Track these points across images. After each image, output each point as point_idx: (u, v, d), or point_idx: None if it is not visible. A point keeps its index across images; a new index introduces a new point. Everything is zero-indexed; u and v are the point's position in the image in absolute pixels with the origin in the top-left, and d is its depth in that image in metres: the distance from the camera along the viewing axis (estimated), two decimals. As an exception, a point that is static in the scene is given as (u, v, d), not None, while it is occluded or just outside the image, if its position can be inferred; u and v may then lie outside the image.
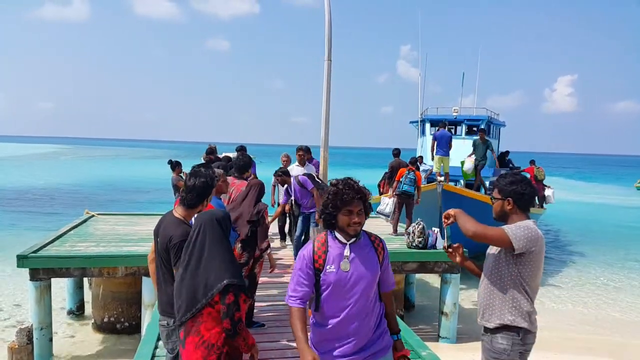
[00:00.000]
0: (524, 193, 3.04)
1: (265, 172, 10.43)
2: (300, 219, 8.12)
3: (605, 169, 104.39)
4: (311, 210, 7.97)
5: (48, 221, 20.24)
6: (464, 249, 3.46)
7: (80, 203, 25.45)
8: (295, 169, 8.88)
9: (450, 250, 3.31)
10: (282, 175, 7.94)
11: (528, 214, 3.09)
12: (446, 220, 3.11)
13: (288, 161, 10.02)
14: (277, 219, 9.60)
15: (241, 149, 10.29)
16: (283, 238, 10.28)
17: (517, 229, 2.95)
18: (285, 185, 8.15)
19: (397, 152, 12.64)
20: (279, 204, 9.04)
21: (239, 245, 5.24)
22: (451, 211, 3.10)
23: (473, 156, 15.39)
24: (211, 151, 11.16)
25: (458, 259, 3.31)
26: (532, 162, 17.78)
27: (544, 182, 17.46)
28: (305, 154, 9.11)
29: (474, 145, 15.46)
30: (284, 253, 9.37)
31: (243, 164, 6.06)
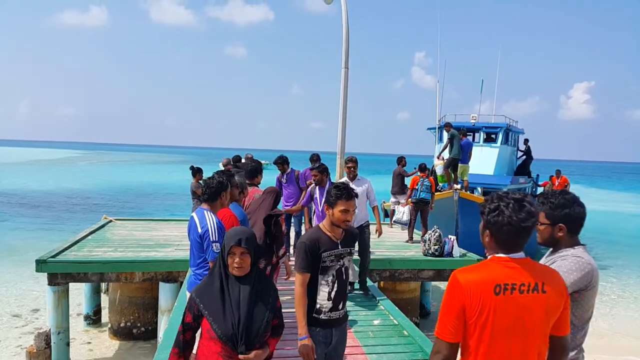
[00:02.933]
0: (577, 217, 2.64)
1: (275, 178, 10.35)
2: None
3: (624, 177, 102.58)
4: None
5: (67, 226, 20.52)
6: (479, 257, 3.38)
7: (99, 208, 25.79)
8: None
9: None
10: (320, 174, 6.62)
11: (578, 238, 2.71)
12: None
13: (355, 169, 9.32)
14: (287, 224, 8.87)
15: (237, 159, 10.23)
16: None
17: (568, 275, 2.52)
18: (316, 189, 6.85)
19: (398, 161, 12.56)
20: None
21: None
22: None
23: (442, 158, 14.18)
24: (236, 160, 11.19)
25: None
26: (558, 172, 17.64)
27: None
28: (356, 166, 7.15)
29: (454, 140, 13.37)
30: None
31: (252, 169, 6.04)
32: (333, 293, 3.31)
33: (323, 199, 6.22)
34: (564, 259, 2.62)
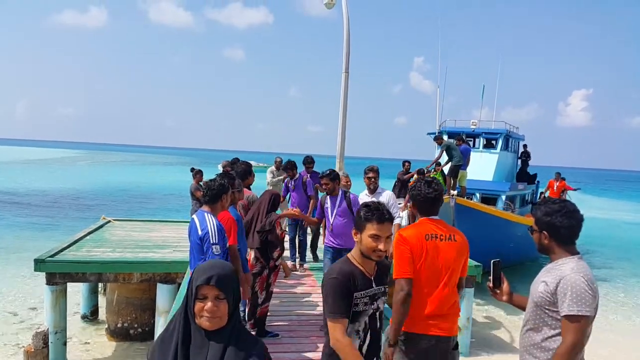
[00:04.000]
0: (560, 227, 2.59)
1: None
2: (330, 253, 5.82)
3: (621, 185, 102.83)
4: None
5: (65, 226, 20.49)
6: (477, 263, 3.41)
7: (98, 208, 25.76)
8: (364, 199, 6.12)
9: (497, 291, 2.97)
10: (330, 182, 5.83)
11: (573, 248, 2.64)
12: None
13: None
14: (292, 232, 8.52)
15: (235, 162, 10.14)
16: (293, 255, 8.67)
17: (580, 306, 2.44)
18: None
19: (403, 164, 12.95)
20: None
21: (252, 255, 5.26)
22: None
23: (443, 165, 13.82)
24: (233, 162, 11.17)
25: (505, 297, 2.96)
26: (558, 174, 18.00)
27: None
28: (377, 177, 6.27)
29: (451, 149, 13.16)
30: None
31: (242, 171, 6.05)
32: (365, 347, 2.64)
33: (335, 211, 5.73)
34: (563, 276, 2.51)
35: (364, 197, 6.10)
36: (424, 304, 3.03)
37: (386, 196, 6.02)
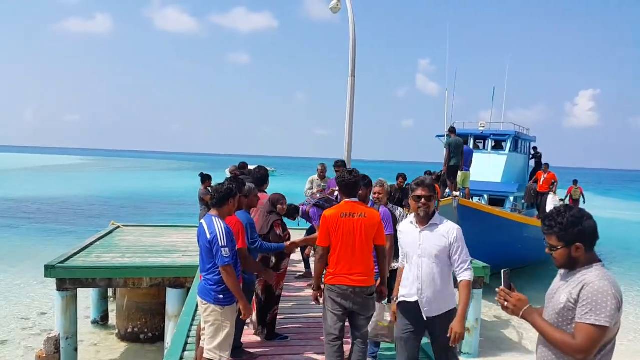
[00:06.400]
0: (591, 232, 2.44)
1: (280, 185, 10.28)
2: None
3: (630, 185, 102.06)
4: None
5: (75, 232, 20.64)
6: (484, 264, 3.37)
7: (107, 214, 25.91)
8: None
9: (504, 302, 2.61)
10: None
11: (596, 254, 2.50)
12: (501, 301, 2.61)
13: (323, 170, 9.25)
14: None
15: (244, 166, 10.09)
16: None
17: (599, 315, 2.29)
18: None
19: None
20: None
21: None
22: (510, 304, 2.57)
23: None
24: (242, 167, 11.20)
25: (510, 308, 2.59)
26: (575, 182, 18.69)
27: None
28: (383, 193, 5.50)
29: (451, 149, 12.69)
30: (303, 266, 9.36)
31: (260, 176, 6.21)
32: None
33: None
34: (590, 286, 2.36)
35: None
36: (340, 264, 3.94)
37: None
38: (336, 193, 7.49)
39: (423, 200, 3.58)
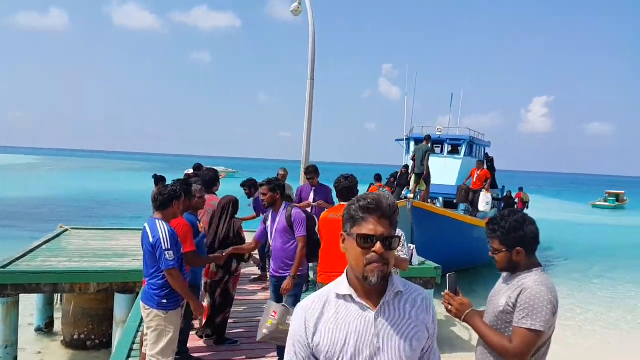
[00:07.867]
0: (532, 237, 2.51)
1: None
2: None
3: (581, 188, 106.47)
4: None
5: (21, 236, 19.78)
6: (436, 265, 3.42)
7: (55, 216, 24.96)
8: None
9: (448, 305, 2.69)
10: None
11: (536, 258, 2.57)
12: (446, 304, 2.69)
13: (285, 176, 8.72)
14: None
15: (198, 168, 10.00)
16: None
17: (535, 320, 2.35)
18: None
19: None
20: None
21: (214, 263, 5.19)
22: (453, 308, 2.66)
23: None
24: (197, 168, 11.04)
25: (453, 311, 2.67)
26: (521, 189, 20.76)
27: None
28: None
29: (425, 151, 13.51)
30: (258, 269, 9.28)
31: (209, 178, 6.17)
32: None
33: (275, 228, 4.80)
34: (528, 291, 2.42)
35: None
36: (328, 262, 4.22)
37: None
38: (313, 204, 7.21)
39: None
